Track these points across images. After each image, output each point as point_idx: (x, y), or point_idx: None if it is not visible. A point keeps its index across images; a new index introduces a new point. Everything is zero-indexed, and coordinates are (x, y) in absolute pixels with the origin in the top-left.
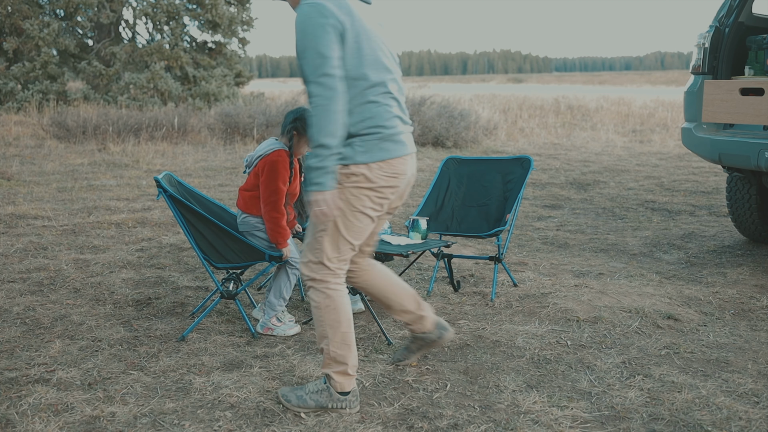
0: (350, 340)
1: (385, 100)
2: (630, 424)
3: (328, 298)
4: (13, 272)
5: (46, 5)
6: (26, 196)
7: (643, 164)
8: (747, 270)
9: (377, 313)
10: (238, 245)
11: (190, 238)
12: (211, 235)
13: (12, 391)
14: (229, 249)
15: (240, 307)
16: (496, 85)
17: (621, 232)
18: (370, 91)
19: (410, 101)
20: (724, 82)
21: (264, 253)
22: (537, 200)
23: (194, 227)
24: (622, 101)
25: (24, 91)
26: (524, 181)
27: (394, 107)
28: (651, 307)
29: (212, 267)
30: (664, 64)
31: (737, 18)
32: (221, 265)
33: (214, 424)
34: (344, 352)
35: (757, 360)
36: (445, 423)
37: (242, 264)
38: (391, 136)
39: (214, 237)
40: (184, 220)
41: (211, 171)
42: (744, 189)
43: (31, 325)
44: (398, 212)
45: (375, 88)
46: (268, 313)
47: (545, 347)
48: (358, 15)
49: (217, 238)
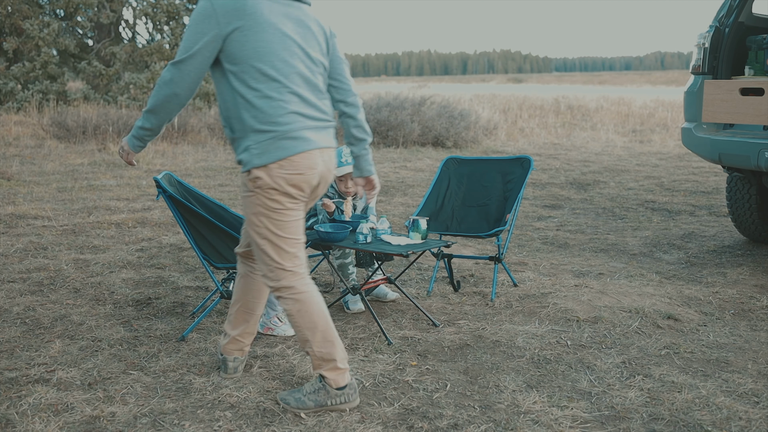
0: (331, 336)
1: (280, 95)
2: (630, 424)
3: (297, 303)
4: (13, 272)
5: (46, 5)
6: (26, 196)
7: (643, 164)
8: (747, 270)
9: (377, 313)
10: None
11: (189, 238)
12: (210, 235)
13: (12, 391)
14: (229, 249)
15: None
16: (496, 85)
17: (621, 232)
18: (264, 87)
19: (410, 101)
20: (724, 82)
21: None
22: (537, 200)
23: (194, 227)
24: (622, 101)
25: (24, 91)
26: (524, 181)
27: (293, 103)
28: (651, 307)
29: (212, 267)
30: (664, 64)
31: (737, 18)
32: (221, 265)
33: (214, 424)
34: (329, 349)
35: (757, 360)
36: (445, 423)
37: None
38: (287, 133)
39: (214, 237)
40: (184, 221)
41: (211, 171)
42: (744, 189)
43: (31, 325)
44: (398, 212)
45: (270, 83)
46: (269, 313)
47: (545, 347)
48: (263, 11)
49: (217, 238)
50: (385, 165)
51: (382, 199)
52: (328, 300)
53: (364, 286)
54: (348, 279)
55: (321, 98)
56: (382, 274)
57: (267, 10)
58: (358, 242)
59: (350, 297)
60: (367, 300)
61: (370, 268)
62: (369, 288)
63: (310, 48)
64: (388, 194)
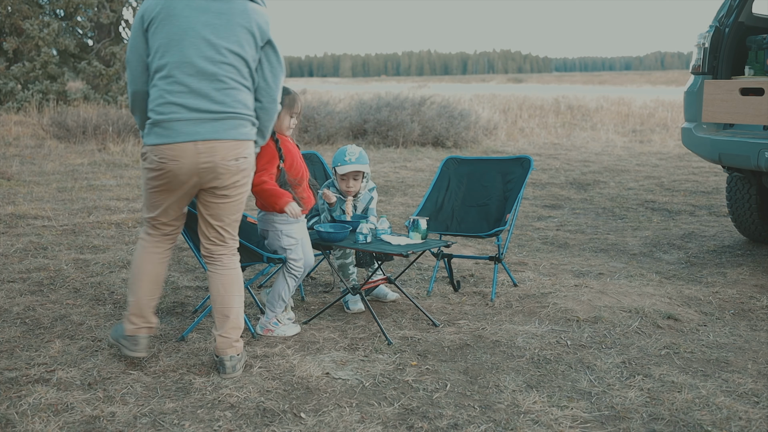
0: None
1: (164, 84)
2: (630, 424)
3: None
4: (13, 272)
5: (46, 5)
6: (26, 196)
7: (643, 164)
8: (747, 270)
9: (377, 313)
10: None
11: (187, 239)
12: None
13: (12, 391)
14: None
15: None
16: (496, 85)
17: (621, 232)
18: (155, 75)
19: (410, 101)
20: (724, 82)
21: (262, 254)
22: (537, 200)
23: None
24: (622, 101)
25: (24, 91)
26: (524, 181)
27: (176, 94)
28: (651, 307)
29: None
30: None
31: (737, 18)
32: None
33: (214, 424)
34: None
35: (757, 360)
36: (445, 423)
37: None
38: (161, 123)
39: None
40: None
41: None
42: (744, 189)
43: (31, 325)
44: (398, 212)
45: (158, 72)
46: (268, 315)
47: (545, 347)
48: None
49: None
50: (385, 165)
51: (382, 199)
52: (328, 300)
53: (364, 286)
54: (348, 279)
55: (220, 89)
56: (382, 274)
57: (182, 5)
58: (358, 242)
59: (350, 297)
60: (367, 300)
61: (370, 268)
62: (369, 288)
63: (221, 39)
64: (388, 194)
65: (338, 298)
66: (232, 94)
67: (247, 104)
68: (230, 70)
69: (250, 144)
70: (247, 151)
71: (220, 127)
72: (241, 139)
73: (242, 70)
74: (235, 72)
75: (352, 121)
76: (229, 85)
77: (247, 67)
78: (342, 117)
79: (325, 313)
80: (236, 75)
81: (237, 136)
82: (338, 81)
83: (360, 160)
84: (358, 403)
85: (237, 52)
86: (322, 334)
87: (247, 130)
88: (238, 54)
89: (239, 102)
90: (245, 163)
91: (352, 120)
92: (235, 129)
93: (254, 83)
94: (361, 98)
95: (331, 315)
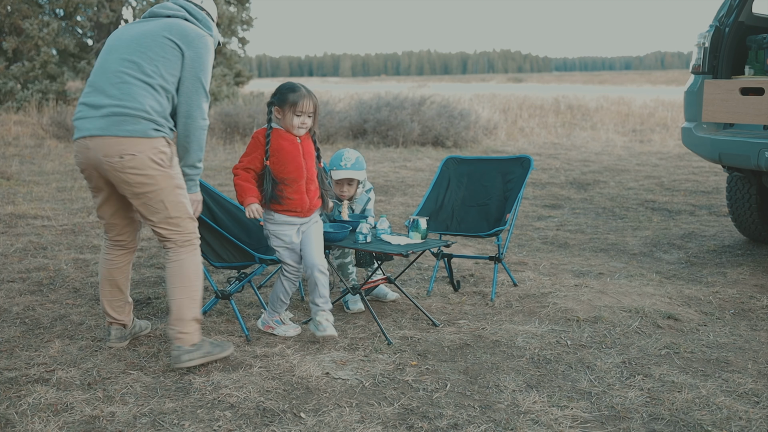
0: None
1: (85, 87)
2: (630, 424)
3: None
4: (12, 272)
5: (45, 5)
6: (26, 196)
7: (643, 164)
8: (747, 270)
9: (377, 313)
10: (231, 245)
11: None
12: (207, 235)
13: (11, 391)
14: (225, 249)
15: (234, 308)
16: (496, 85)
17: (621, 231)
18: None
19: (410, 101)
20: (724, 82)
21: (254, 255)
22: (537, 200)
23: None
24: (622, 101)
25: (23, 91)
26: (524, 181)
27: (86, 94)
28: (651, 307)
29: (210, 266)
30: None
31: (737, 17)
32: (219, 264)
33: (214, 424)
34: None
35: (757, 360)
36: (445, 423)
37: (237, 264)
38: (74, 121)
39: (211, 237)
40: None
41: (210, 171)
42: (744, 189)
43: (30, 325)
44: (398, 212)
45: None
46: (270, 313)
47: (545, 347)
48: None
49: (213, 237)
50: (385, 165)
51: (382, 199)
52: None
53: (364, 286)
54: (348, 279)
55: (115, 83)
56: (382, 274)
57: (123, 29)
58: (357, 242)
59: (350, 297)
60: (367, 300)
61: (369, 268)
62: (369, 288)
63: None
64: (388, 194)
65: (338, 298)
66: (125, 88)
67: (141, 101)
68: (131, 66)
69: (141, 141)
70: (136, 149)
71: (105, 123)
72: (125, 136)
73: (145, 68)
74: (135, 68)
75: (352, 120)
76: (123, 80)
77: (153, 65)
78: (342, 117)
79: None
80: (135, 71)
81: (120, 133)
82: (338, 81)
83: (355, 166)
84: (358, 403)
85: (145, 52)
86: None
87: (136, 127)
88: (146, 54)
89: (131, 97)
90: (133, 161)
91: (351, 120)
92: (119, 125)
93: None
94: (361, 98)
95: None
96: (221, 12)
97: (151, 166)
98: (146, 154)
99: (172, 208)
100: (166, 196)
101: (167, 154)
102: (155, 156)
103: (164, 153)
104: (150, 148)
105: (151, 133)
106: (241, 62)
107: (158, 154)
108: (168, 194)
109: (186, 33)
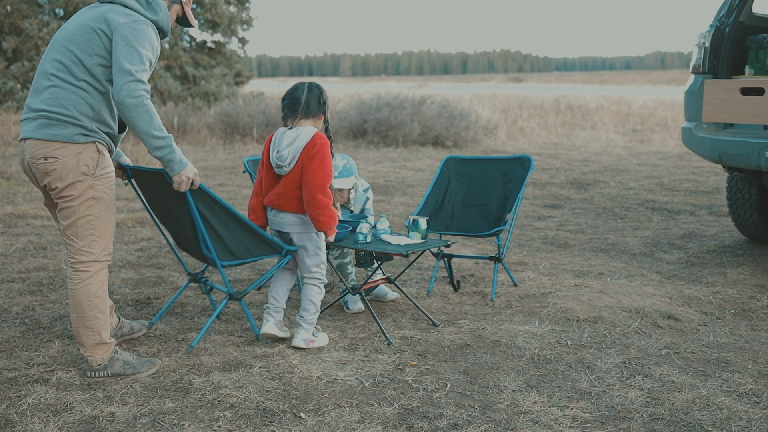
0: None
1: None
2: (630, 424)
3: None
4: (12, 272)
5: (45, 5)
6: (25, 196)
7: (644, 164)
8: (747, 270)
9: (377, 313)
10: (252, 238)
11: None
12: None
13: (11, 391)
14: (241, 244)
15: (245, 309)
16: (496, 85)
17: (621, 231)
18: None
19: (410, 101)
20: (725, 82)
21: (281, 247)
22: (537, 200)
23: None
24: (623, 101)
25: (23, 91)
26: (524, 181)
27: (29, 94)
28: (651, 307)
29: (210, 265)
30: (664, 63)
31: (737, 17)
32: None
33: (214, 424)
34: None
35: (758, 360)
36: (445, 423)
37: (249, 260)
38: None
39: (225, 231)
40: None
41: (210, 171)
42: (744, 189)
43: (30, 325)
44: (398, 212)
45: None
46: (306, 327)
47: (545, 347)
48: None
49: (228, 232)
50: (385, 165)
51: (382, 199)
52: (327, 300)
53: (363, 286)
54: (347, 279)
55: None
56: (381, 274)
57: (68, 21)
58: (357, 242)
59: (350, 297)
60: (367, 300)
61: (369, 268)
62: (369, 288)
63: (71, 44)
64: (388, 194)
65: (338, 298)
66: (54, 92)
67: (67, 106)
68: (60, 68)
69: (66, 146)
70: (58, 153)
71: (35, 126)
72: (51, 140)
73: (73, 69)
74: (64, 70)
75: (352, 120)
76: (53, 83)
77: (82, 65)
78: (342, 117)
79: (325, 313)
80: (64, 74)
81: (46, 137)
82: (338, 80)
83: (342, 174)
84: (358, 403)
85: (72, 50)
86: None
87: (62, 132)
88: (73, 52)
89: (59, 102)
90: (55, 164)
91: (352, 120)
92: (46, 129)
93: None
94: (361, 98)
95: (330, 315)
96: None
97: (72, 171)
98: (69, 158)
99: (79, 220)
100: (79, 205)
101: (94, 160)
102: (78, 162)
103: (90, 159)
104: (74, 153)
105: (77, 139)
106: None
107: (82, 160)
108: (81, 204)
109: (111, 20)
